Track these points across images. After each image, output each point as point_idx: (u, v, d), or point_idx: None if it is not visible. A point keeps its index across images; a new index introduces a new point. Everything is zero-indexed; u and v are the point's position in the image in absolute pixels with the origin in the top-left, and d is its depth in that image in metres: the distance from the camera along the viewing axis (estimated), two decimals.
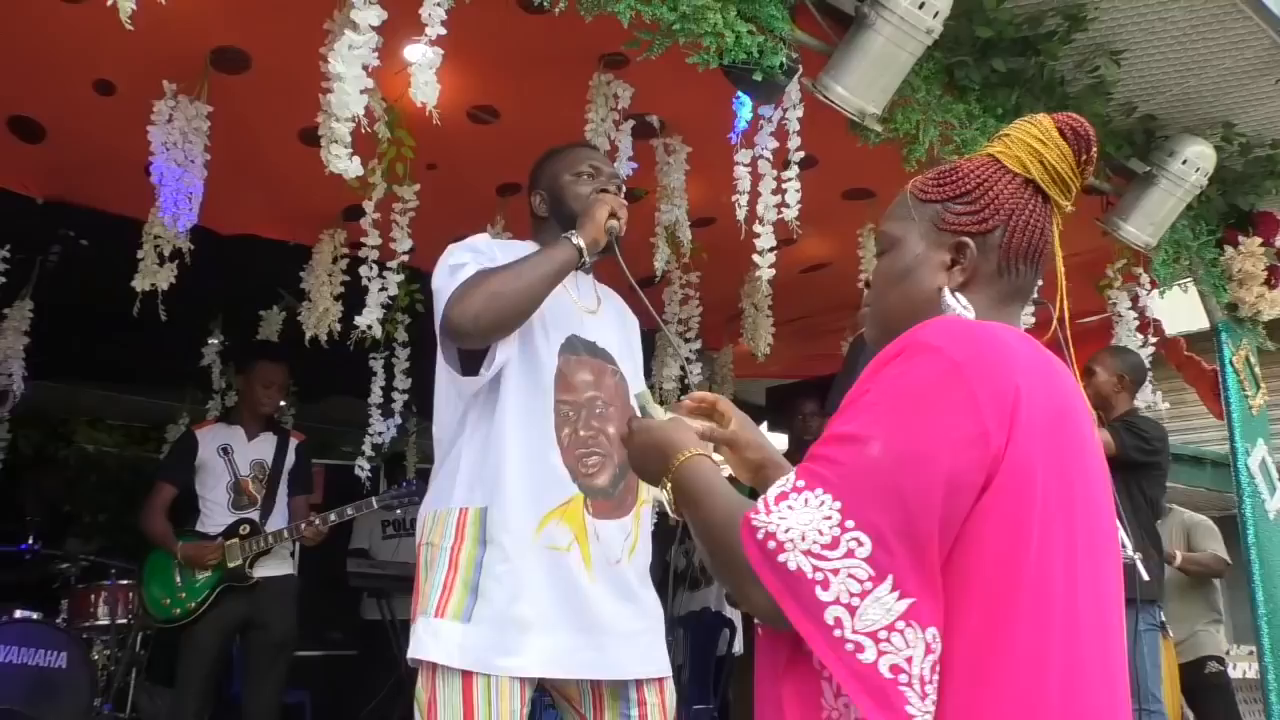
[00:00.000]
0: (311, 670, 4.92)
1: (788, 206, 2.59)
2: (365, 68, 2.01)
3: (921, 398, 0.94)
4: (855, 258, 3.67)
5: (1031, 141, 1.10)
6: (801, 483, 0.94)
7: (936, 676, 0.88)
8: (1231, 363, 3.82)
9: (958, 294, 1.08)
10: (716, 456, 1.27)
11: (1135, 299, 3.77)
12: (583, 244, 1.90)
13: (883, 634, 0.87)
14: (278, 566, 3.81)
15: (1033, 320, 2.75)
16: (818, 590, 0.88)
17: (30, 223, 3.60)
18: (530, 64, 2.75)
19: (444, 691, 1.79)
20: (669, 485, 1.14)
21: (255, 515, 3.79)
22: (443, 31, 2.00)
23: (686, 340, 3.96)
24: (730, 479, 1.18)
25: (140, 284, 3.06)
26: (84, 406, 7.09)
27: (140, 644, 3.98)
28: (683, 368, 4.06)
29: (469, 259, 1.90)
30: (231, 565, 3.64)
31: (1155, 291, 3.84)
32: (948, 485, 0.91)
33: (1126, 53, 2.96)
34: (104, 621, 3.91)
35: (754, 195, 2.59)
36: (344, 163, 2.06)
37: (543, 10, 2.12)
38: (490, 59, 2.73)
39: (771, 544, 0.90)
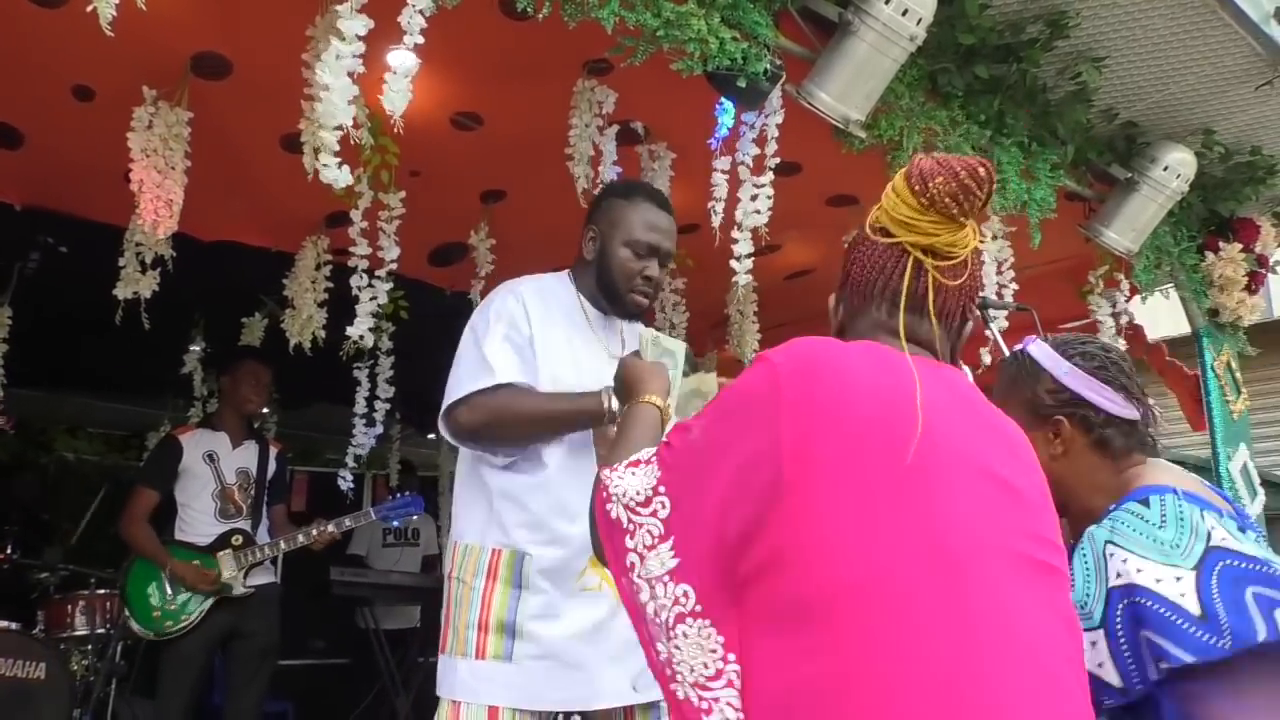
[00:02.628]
0: (294, 680, 4.88)
1: (758, 212, 2.59)
2: (351, 75, 2.00)
3: (738, 397, 1.11)
4: (839, 265, 3.67)
5: (881, 200, 1.25)
6: (649, 455, 1.16)
7: (681, 626, 1.04)
8: (1213, 368, 3.84)
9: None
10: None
11: (1114, 304, 3.79)
12: (616, 411, 1.77)
13: (655, 582, 1.07)
14: (262, 575, 3.77)
15: (1006, 325, 2.76)
16: (626, 538, 1.11)
17: (8, 229, 3.57)
18: (514, 70, 2.74)
19: None
20: (620, 415, 1.41)
21: (245, 525, 3.75)
22: (421, 40, 1.99)
23: None
24: None
25: (122, 291, 3.03)
26: (64, 414, 7.03)
27: (119, 654, 3.93)
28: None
29: (503, 356, 1.90)
30: (228, 578, 3.60)
31: (1137, 297, 3.86)
32: (732, 469, 1.05)
33: (1108, 59, 2.98)
34: (82, 632, 3.86)
35: (732, 201, 2.59)
36: (333, 172, 2.05)
37: (526, 16, 2.11)
38: (474, 65, 2.72)
39: (605, 493, 1.15)
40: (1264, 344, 4.40)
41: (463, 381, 1.91)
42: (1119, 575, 1.33)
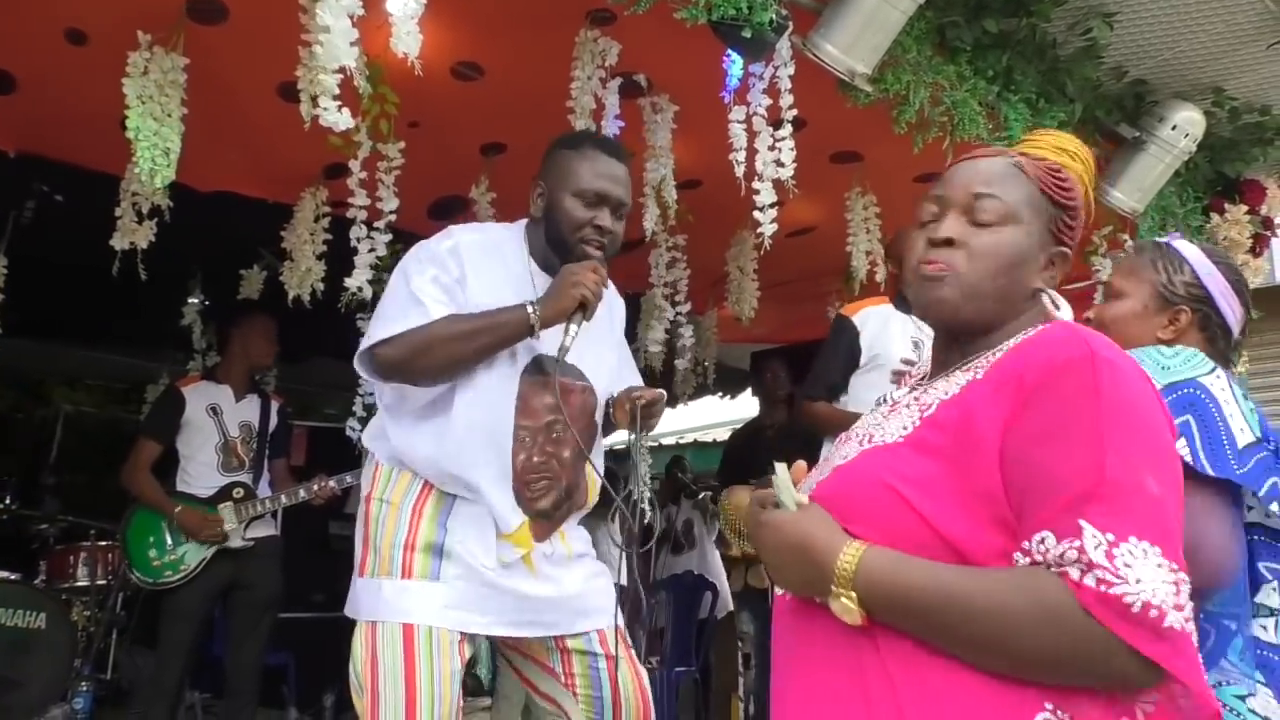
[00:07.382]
0: (295, 633, 4.91)
1: (783, 165, 2.56)
2: (351, 18, 1.96)
3: (1149, 419, 0.98)
4: (842, 222, 3.64)
5: (1086, 180, 1.21)
6: (1111, 536, 0.90)
7: None
8: None
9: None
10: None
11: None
12: (537, 321, 1.84)
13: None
14: (263, 528, 3.79)
15: None
16: (1193, 640, 0.89)
17: (2, 177, 3.52)
18: (516, 19, 2.70)
19: (384, 647, 1.79)
20: (846, 597, 0.99)
21: (246, 478, 3.76)
22: None
23: (675, 304, 3.94)
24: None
25: (119, 242, 3.00)
26: (62, 366, 7.01)
27: (120, 605, 3.95)
28: (668, 331, 4.05)
29: (431, 293, 1.86)
30: (228, 529, 3.61)
31: None
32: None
33: (1119, 15, 2.94)
34: (83, 582, 3.88)
35: (751, 152, 2.56)
36: (333, 115, 2.01)
37: None
38: (475, 14, 2.67)
39: (1154, 612, 0.87)
40: (1266, 308, 4.36)
41: (388, 320, 1.86)
42: None
